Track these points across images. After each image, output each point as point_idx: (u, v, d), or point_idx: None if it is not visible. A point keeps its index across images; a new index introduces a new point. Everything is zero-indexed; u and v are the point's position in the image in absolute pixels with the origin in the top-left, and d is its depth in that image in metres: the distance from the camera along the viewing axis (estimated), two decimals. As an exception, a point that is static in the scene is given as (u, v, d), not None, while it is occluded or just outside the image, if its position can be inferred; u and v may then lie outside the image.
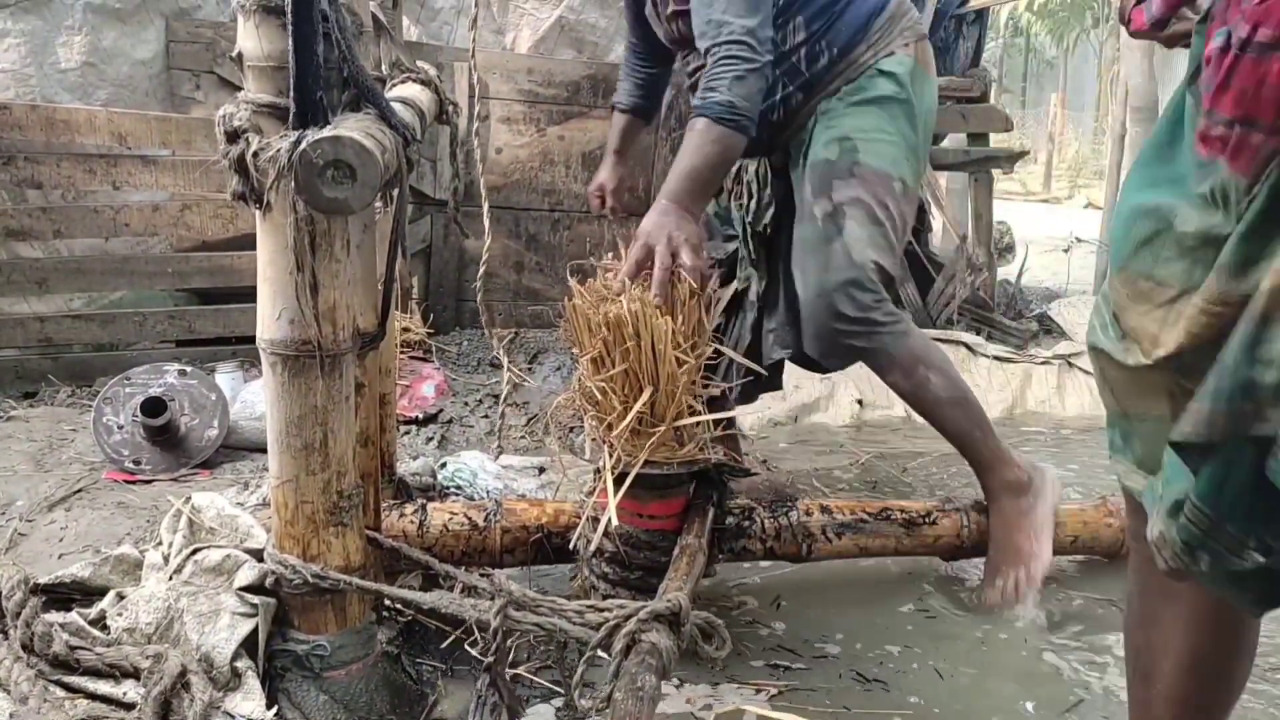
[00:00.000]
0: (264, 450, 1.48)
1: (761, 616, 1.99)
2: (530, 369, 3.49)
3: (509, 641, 1.43)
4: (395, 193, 1.37)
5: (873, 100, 1.99)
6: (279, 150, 1.16)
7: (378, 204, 1.65)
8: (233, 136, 1.22)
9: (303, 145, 1.13)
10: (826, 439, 2.99)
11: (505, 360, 2.58)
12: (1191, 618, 1.13)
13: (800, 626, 1.96)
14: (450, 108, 1.69)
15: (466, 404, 3.12)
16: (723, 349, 1.80)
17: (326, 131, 1.15)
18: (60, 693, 1.42)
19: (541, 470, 2.43)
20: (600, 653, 1.35)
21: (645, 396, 1.71)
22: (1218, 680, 1.17)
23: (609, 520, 1.69)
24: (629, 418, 1.71)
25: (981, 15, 5.06)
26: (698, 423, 1.78)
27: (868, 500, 2.05)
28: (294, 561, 1.43)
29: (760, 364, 2.03)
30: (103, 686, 1.43)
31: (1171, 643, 1.16)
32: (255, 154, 1.18)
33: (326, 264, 1.30)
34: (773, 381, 2.27)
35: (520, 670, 1.73)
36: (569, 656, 1.76)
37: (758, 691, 1.71)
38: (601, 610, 1.40)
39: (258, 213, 1.28)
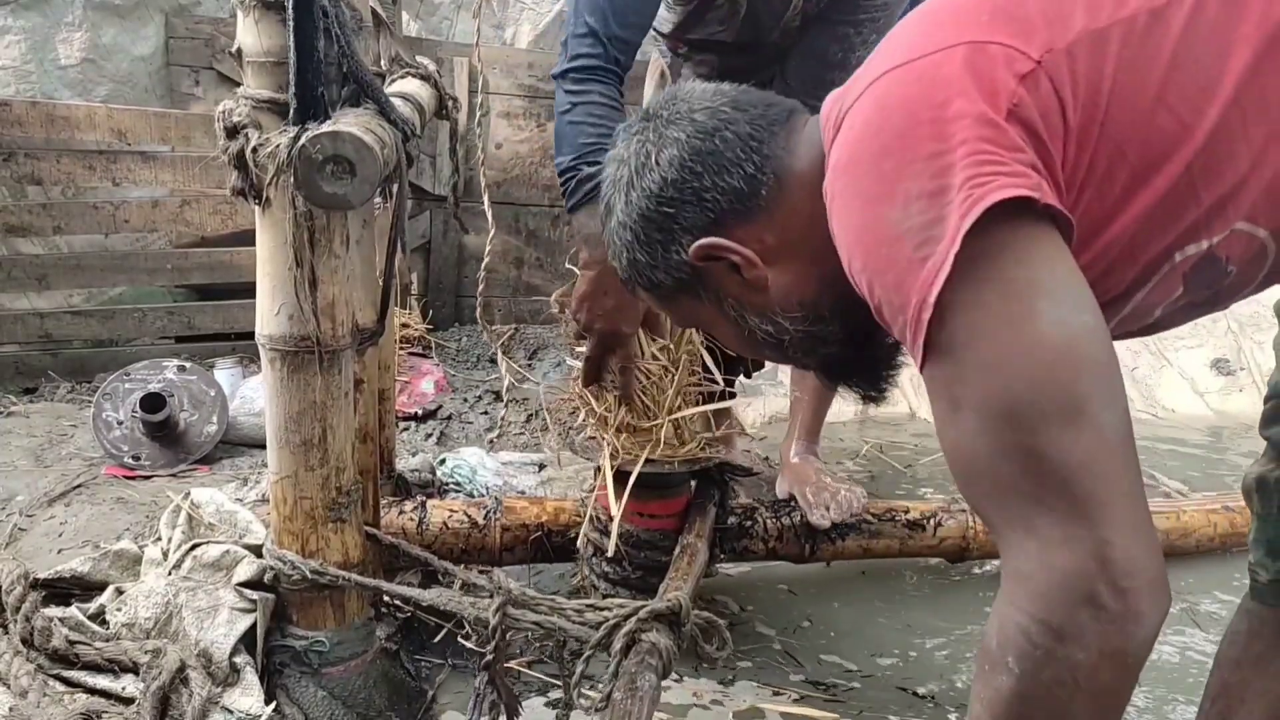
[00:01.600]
0: (263, 446, 1.48)
1: (749, 616, 1.99)
2: (530, 365, 3.48)
3: (507, 639, 1.43)
4: (394, 188, 1.36)
5: None
6: (278, 146, 1.15)
7: (377, 200, 1.65)
8: (232, 132, 1.21)
9: (302, 140, 1.13)
10: (830, 435, 2.98)
11: (502, 358, 2.57)
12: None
13: (812, 628, 1.96)
14: (450, 103, 1.68)
15: (466, 400, 3.12)
16: (703, 352, 1.80)
17: (326, 127, 1.15)
18: (60, 687, 1.42)
19: (541, 467, 2.42)
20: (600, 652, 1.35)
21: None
22: None
23: (616, 523, 1.70)
24: (619, 412, 1.71)
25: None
26: (695, 414, 1.77)
27: (872, 500, 2.04)
28: (292, 557, 1.42)
29: None
30: (102, 681, 1.43)
31: (1260, 695, 1.17)
32: (255, 149, 1.18)
33: (326, 260, 1.30)
34: None
35: (513, 665, 1.73)
36: (568, 655, 1.76)
37: (775, 693, 1.70)
38: (601, 609, 1.39)
39: (257, 208, 1.28)
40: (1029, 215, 0.76)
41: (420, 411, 2.99)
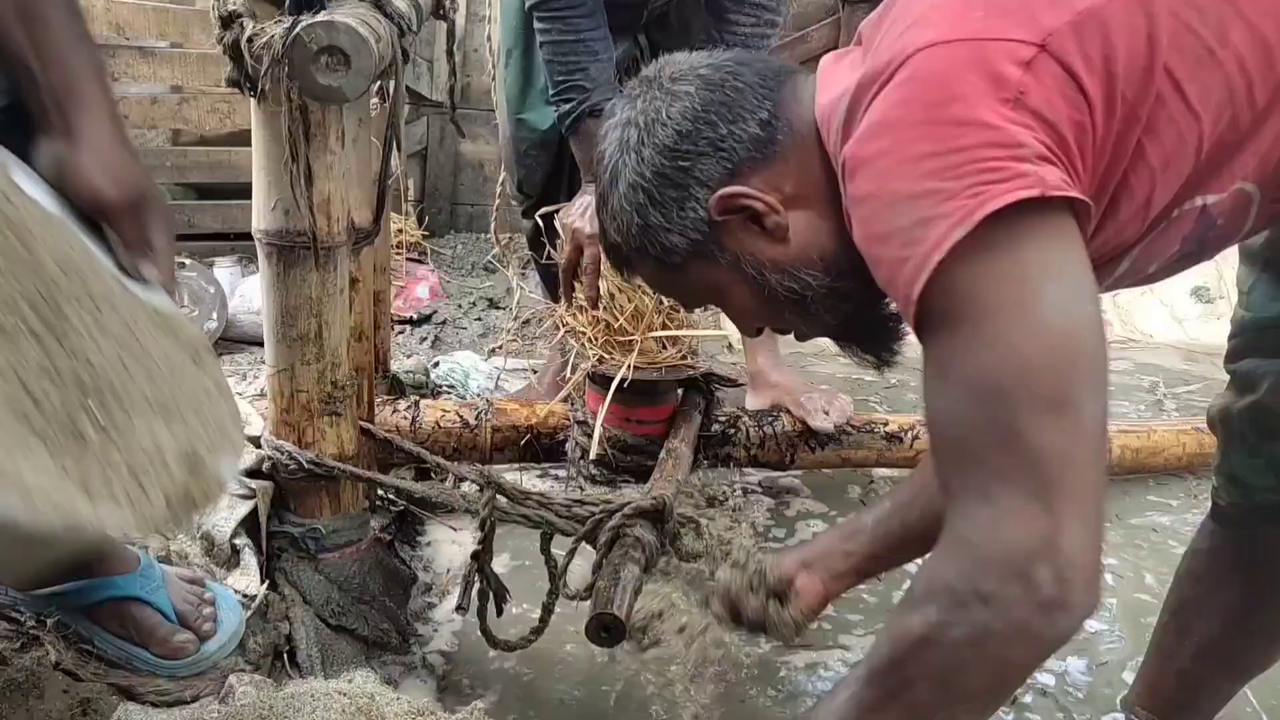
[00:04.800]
0: (262, 343, 1.51)
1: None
2: (524, 273, 3.50)
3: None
4: (390, 86, 1.36)
5: None
6: (273, 36, 1.16)
7: (374, 100, 1.65)
8: (227, 21, 1.21)
9: (297, 30, 1.13)
10: (814, 349, 3.01)
11: (511, 271, 2.58)
12: (1263, 588, 1.20)
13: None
14: (447, 2, 1.66)
15: (460, 306, 3.15)
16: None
17: (320, 16, 1.15)
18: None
19: (534, 372, 2.47)
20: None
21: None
22: (1259, 644, 1.26)
23: (599, 425, 1.75)
24: (597, 328, 1.77)
25: None
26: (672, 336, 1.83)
27: (854, 413, 2.09)
28: (289, 448, 1.47)
29: None
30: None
31: (1232, 602, 1.23)
32: (250, 39, 1.18)
33: (321, 155, 1.31)
34: None
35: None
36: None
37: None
38: (588, 504, 1.45)
39: (253, 101, 1.28)
40: (1040, 206, 0.76)
41: (415, 316, 3.02)
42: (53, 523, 0.60)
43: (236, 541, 1.50)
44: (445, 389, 2.29)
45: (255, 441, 1.58)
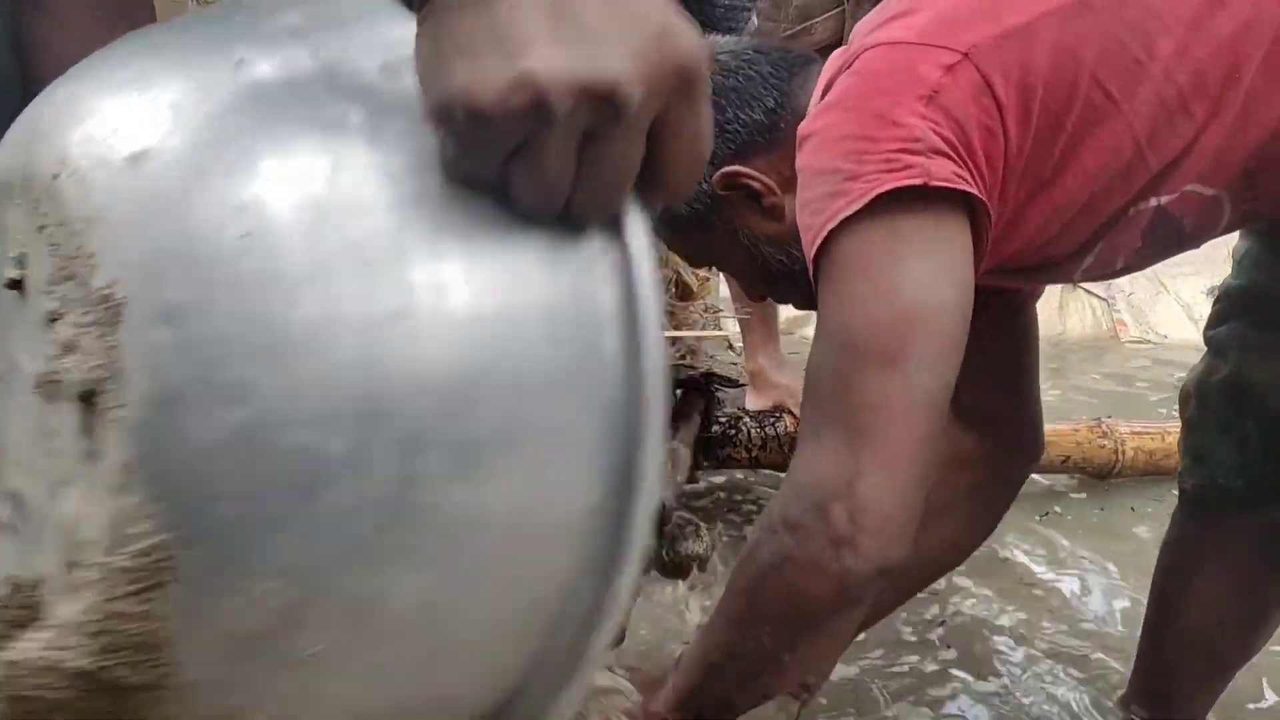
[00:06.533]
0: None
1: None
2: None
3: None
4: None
5: None
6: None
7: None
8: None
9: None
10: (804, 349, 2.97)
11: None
12: (1236, 576, 1.20)
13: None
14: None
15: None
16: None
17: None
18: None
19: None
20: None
21: None
22: (1237, 633, 1.24)
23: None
24: None
25: None
26: (672, 337, 1.78)
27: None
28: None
29: None
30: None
31: (1207, 592, 1.22)
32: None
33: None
34: None
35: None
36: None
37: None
38: (582, 509, 1.40)
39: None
40: (924, 196, 0.84)
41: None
42: None
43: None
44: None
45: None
